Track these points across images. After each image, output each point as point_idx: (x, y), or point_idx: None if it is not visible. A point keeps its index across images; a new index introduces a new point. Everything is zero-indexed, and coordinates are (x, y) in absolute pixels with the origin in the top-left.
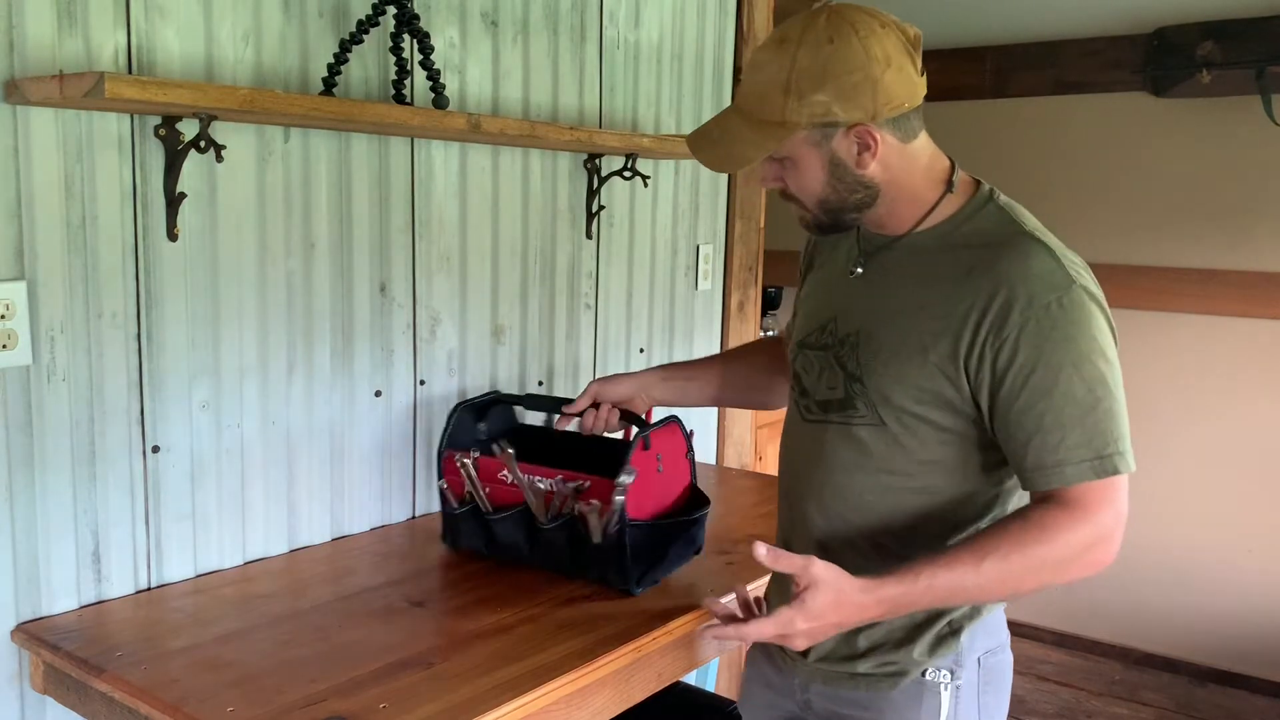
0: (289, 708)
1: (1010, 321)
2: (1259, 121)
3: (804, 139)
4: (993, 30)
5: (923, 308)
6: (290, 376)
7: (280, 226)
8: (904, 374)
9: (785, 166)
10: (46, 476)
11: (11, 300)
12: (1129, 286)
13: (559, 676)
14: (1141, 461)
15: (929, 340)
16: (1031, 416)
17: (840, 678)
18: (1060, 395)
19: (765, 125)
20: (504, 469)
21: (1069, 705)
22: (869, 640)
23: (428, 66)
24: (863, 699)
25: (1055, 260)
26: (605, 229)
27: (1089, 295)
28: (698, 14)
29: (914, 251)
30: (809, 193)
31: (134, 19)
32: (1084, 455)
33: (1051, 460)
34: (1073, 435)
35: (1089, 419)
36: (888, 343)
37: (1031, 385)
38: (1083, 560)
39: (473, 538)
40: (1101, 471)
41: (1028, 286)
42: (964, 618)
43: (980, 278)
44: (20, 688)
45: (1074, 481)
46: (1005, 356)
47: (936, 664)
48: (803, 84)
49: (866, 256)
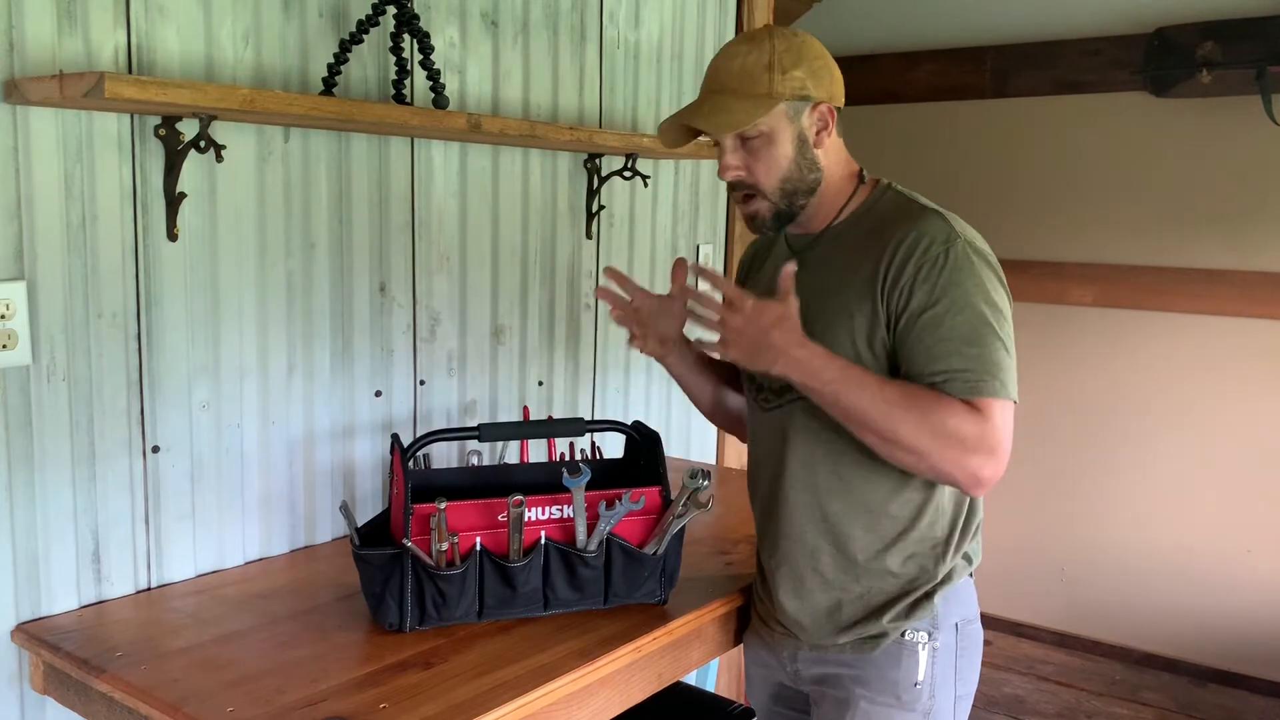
0: (289, 708)
1: (906, 270)
2: (1259, 121)
3: (782, 112)
4: (993, 30)
5: (845, 282)
6: (290, 376)
7: (280, 226)
8: (834, 342)
9: (754, 149)
10: (46, 476)
11: (11, 300)
12: (1129, 286)
13: (559, 676)
14: (1141, 461)
15: (853, 307)
16: (923, 348)
17: (828, 649)
18: (947, 329)
19: (753, 98)
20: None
21: (1069, 705)
22: (848, 617)
23: (428, 66)
24: (847, 659)
25: (944, 221)
26: (605, 229)
27: (974, 249)
28: (698, 14)
29: (835, 240)
30: (775, 172)
31: (134, 19)
32: (966, 378)
33: (939, 381)
34: (956, 362)
35: (975, 350)
36: (818, 323)
37: (923, 320)
38: (959, 455)
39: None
40: (975, 391)
41: (926, 237)
42: (936, 585)
43: (886, 241)
44: (20, 688)
45: (960, 395)
46: (903, 298)
47: (913, 625)
48: (784, 61)
49: (800, 255)
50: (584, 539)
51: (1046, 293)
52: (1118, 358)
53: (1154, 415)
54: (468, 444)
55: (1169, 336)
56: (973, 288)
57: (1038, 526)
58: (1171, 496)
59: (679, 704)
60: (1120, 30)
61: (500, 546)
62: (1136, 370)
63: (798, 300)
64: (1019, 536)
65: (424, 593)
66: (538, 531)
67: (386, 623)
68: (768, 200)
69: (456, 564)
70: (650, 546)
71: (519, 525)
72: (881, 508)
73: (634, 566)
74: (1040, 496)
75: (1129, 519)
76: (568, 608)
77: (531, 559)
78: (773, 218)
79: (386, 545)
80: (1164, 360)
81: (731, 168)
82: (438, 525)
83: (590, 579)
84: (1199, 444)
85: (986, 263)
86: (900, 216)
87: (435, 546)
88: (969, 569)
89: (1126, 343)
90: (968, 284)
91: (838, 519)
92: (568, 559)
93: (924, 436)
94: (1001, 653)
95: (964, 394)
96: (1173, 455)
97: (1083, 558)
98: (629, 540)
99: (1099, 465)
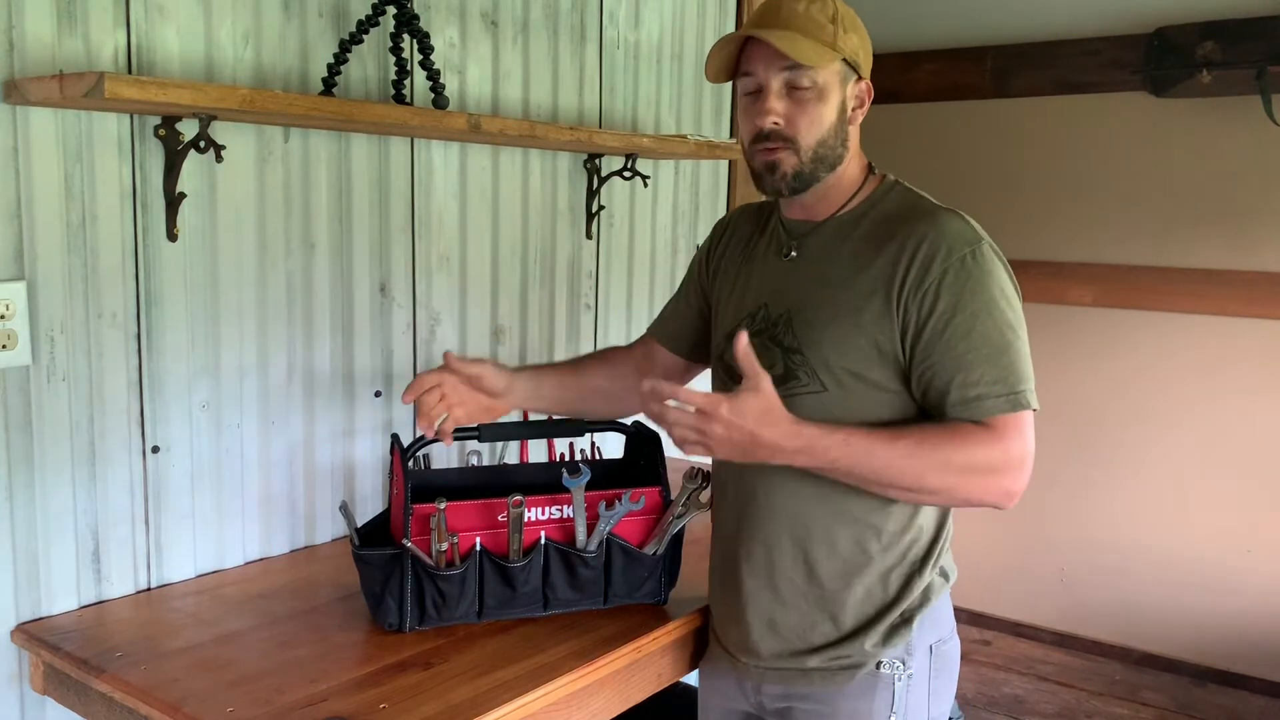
0: (289, 708)
1: (931, 272)
2: (1259, 121)
3: (836, 70)
4: (993, 30)
5: (853, 275)
6: (290, 376)
7: (280, 226)
8: (841, 336)
9: (801, 99)
10: (46, 476)
11: (11, 300)
12: (1129, 286)
13: (559, 676)
14: (1142, 461)
15: (862, 301)
16: (953, 356)
17: (793, 675)
18: (978, 336)
19: (820, 43)
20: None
21: (1069, 705)
22: (823, 636)
23: (427, 66)
24: (816, 694)
25: (965, 222)
26: (605, 229)
27: (994, 251)
28: (698, 14)
29: (839, 231)
30: (815, 129)
31: (134, 19)
32: (999, 390)
33: (972, 395)
34: (990, 373)
35: (1002, 359)
36: (823, 312)
37: (953, 328)
38: (987, 481)
39: (465, 602)
40: (1014, 405)
41: (946, 242)
42: (914, 607)
43: (904, 239)
44: (20, 688)
45: (991, 414)
46: (928, 304)
47: (889, 654)
48: (845, 21)
49: (799, 240)
50: (584, 539)
51: (1046, 293)
52: (1117, 358)
53: (1154, 415)
54: (468, 444)
55: (1169, 336)
56: (998, 293)
57: (1038, 526)
58: (1171, 496)
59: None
60: (1120, 30)
61: (500, 547)
62: (1136, 370)
63: (768, 377)
64: (1019, 536)
65: (424, 593)
66: (537, 532)
67: (386, 623)
68: (797, 156)
69: (456, 564)
70: (650, 546)
71: (519, 525)
72: (866, 520)
73: (634, 566)
74: (1040, 496)
75: (1129, 519)
76: (567, 608)
77: (531, 559)
78: (794, 175)
79: (386, 545)
80: (1164, 360)
81: (774, 113)
82: (437, 525)
83: (590, 579)
84: (1199, 444)
85: (1003, 264)
86: (914, 215)
87: (435, 546)
88: (946, 586)
89: (1126, 343)
90: (993, 289)
91: (821, 531)
92: (567, 559)
93: (949, 476)
94: (1001, 653)
95: (1001, 411)
96: (1173, 455)
97: (1083, 558)
98: (629, 540)
99: (1099, 465)
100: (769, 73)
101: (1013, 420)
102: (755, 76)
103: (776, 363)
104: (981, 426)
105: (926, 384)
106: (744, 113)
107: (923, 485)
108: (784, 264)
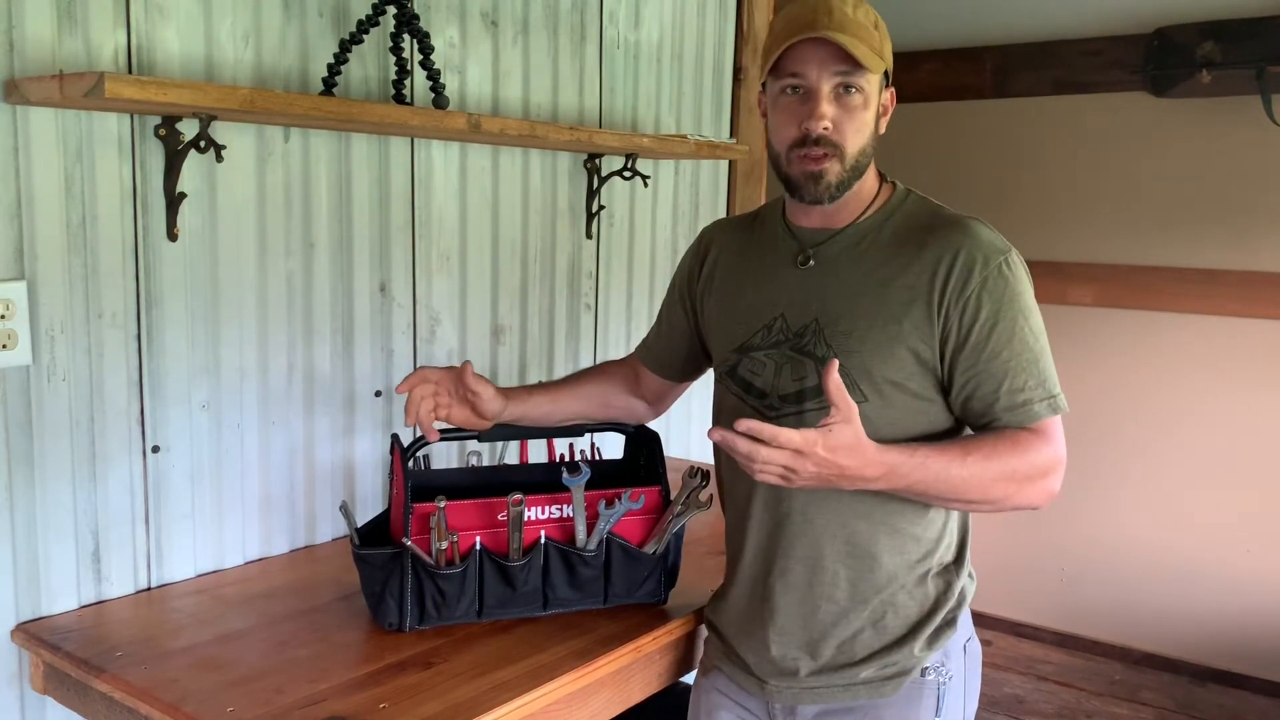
0: (289, 708)
1: (972, 281)
2: (1259, 121)
3: (878, 77)
4: (993, 30)
5: (885, 284)
6: (290, 376)
7: (280, 226)
8: (883, 344)
9: (849, 106)
10: (46, 476)
11: (11, 300)
12: (1129, 286)
13: (558, 676)
14: (1142, 461)
15: (900, 310)
16: (999, 364)
17: (836, 690)
18: (1019, 343)
19: (873, 49)
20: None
21: (1069, 705)
22: (866, 647)
23: (428, 66)
24: (862, 706)
25: (993, 232)
26: (605, 229)
27: (1020, 258)
28: (698, 14)
29: (858, 239)
30: (859, 135)
31: (134, 19)
32: (1042, 395)
33: (1020, 400)
34: (1032, 378)
35: (1040, 364)
36: (860, 321)
37: (996, 336)
38: (1039, 485)
39: (465, 601)
40: (1054, 409)
41: (982, 251)
42: (955, 608)
43: (938, 248)
44: (20, 688)
45: (1038, 419)
46: (970, 313)
47: (934, 658)
48: (883, 31)
49: (815, 248)
50: (584, 538)
51: (1046, 293)
52: (1117, 358)
53: (1154, 415)
54: (468, 444)
55: (1169, 336)
56: (1030, 300)
57: (1038, 526)
58: (1171, 496)
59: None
60: (1120, 30)
61: (500, 546)
62: (1136, 370)
63: (856, 408)
64: (1019, 536)
65: (424, 592)
66: (537, 531)
67: (386, 622)
68: (841, 164)
69: (456, 563)
70: (650, 546)
71: (518, 524)
72: (908, 529)
73: (634, 566)
74: None
75: (1129, 519)
76: (567, 607)
77: (531, 558)
78: (838, 184)
79: (386, 545)
80: (1163, 360)
81: (827, 117)
82: (437, 524)
83: (590, 578)
84: (1199, 443)
85: (1029, 272)
86: (942, 224)
87: (435, 546)
88: (974, 585)
89: (1126, 342)
90: (1026, 296)
91: (865, 545)
92: (567, 558)
93: (1011, 485)
94: (1001, 653)
95: (1045, 415)
96: (1173, 455)
97: (1083, 558)
98: (629, 540)
99: (1099, 465)
100: (821, 75)
101: (1053, 423)
102: (804, 79)
103: (808, 374)
104: (1030, 432)
105: (970, 392)
106: (784, 114)
107: (987, 495)
108: (799, 273)
